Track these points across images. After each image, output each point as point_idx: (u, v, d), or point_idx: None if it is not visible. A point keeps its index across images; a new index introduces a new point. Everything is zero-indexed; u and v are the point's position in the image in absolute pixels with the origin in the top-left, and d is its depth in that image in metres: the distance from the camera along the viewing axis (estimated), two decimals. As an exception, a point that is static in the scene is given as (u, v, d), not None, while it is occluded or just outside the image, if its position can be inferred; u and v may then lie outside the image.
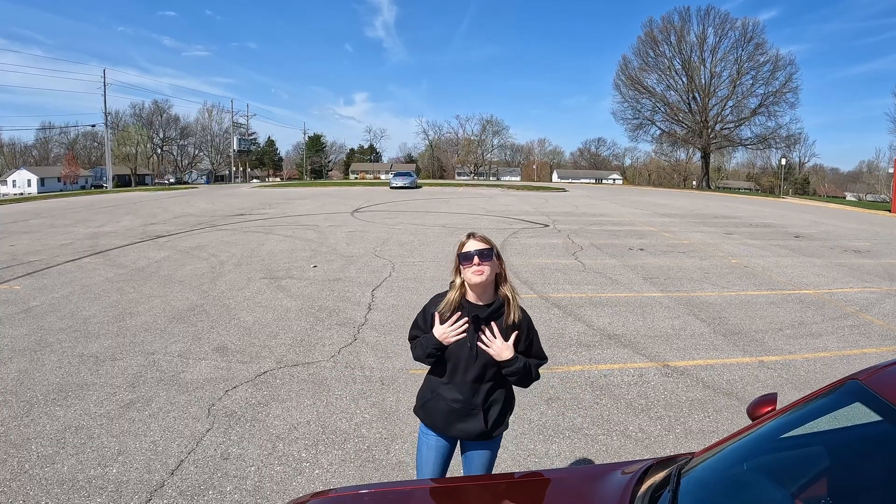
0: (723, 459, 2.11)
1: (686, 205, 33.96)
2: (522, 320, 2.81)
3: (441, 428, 2.84)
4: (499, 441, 2.94)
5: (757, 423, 2.22)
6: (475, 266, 2.66)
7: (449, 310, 2.74)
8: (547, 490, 2.28)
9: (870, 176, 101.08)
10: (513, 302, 2.77)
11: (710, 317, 8.42)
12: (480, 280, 2.67)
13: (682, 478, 2.04)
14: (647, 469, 2.20)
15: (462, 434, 2.81)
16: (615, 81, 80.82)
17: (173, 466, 4.16)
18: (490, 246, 2.73)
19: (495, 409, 2.80)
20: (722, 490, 2.03)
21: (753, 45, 72.27)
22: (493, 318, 2.74)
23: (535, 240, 16.37)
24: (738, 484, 2.04)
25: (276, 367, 6.11)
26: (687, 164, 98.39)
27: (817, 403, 2.12)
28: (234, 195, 37.61)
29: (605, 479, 2.22)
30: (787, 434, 2.10)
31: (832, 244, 17.16)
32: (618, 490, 2.08)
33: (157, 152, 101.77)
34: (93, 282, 9.95)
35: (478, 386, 2.76)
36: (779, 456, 2.13)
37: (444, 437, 2.88)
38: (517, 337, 2.72)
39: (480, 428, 2.75)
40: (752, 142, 76.36)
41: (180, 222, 19.67)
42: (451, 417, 2.79)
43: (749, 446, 2.14)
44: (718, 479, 2.06)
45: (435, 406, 2.84)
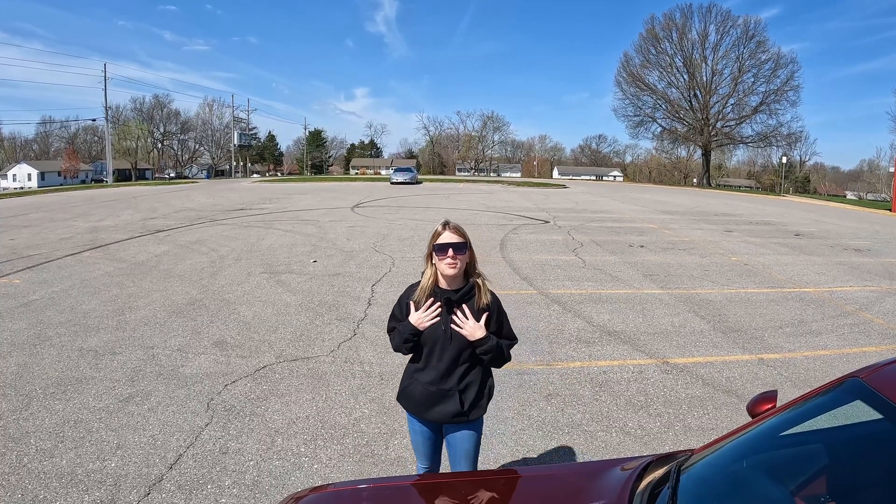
0: (722, 456, 2.11)
1: (686, 202, 33.93)
2: (492, 303, 2.90)
3: (420, 412, 2.94)
4: (479, 425, 2.99)
5: (757, 421, 2.21)
6: (449, 258, 2.77)
7: (423, 297, 2.86)
8: (546, 486, 2.27)
9: (870, 175, 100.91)
10: (483, 287, 2.89)
11: (710, 314, 8.41)
12: (453, 272, 2.80)
13: (682, 474, 2.04)
14: (646, 465, 2.20)
15: (439, 417, 2.89)
16: (616, 78, 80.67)
17: (172, 461, 4.16)
18: (464, 240, 2.83)
19: (471, 390, 2.88)
20: (721, 487, 2.02)
21: (755, 42, 72.10)
22: (463, 301, 2.85)
23: (536, 236, 16.36)
24: (737, 481, 2.03)
25: (275, 362, 6.11)
26: (688, 162, 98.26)
27: (818, 401, 2.11)
28: (234, 190, 37.57)
29: (604, 476, 2.22)
30: (787, 432, 2.09)
31: (832, 242, 17.15)
32: (617, 486, 2.07)
33: (157, 147, 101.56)
34: (92, 276, 9.94)
35: (453, 368, 2.86)
36: (779, 453, 2.12)
37: (425, 423, 2.98)
38: (488, 318, 2.84)
39: (456, 409, 2.84)
40: (753, 140, 76.23)
41: (180, 217, 19.65)
42: (428, 401, 2.89)
43: (749, 444, 2.13)
44: (718, 477, 2.06)
45: (413, 391, 2.95)
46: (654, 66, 77.18)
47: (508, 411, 5.10)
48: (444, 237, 2.80)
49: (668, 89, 77.47)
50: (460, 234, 2.83)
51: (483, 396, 2.94)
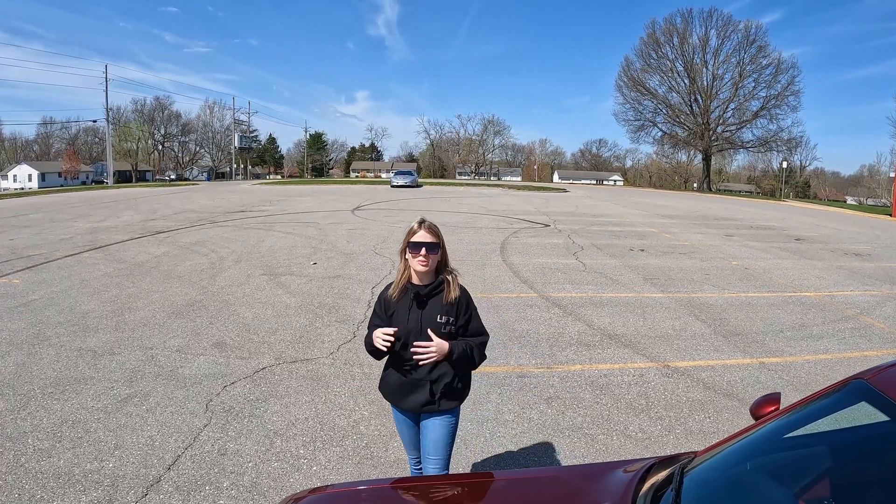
0: (726, 459, 2.09)
1: (687, 206, 33.91)
2: (461, 297, 3.00)
3: (396, 401, 3.08)
4: (451, 417, 3.05)
5: (760, 423, 2.19)
6: (421, 257, 2.89)
7: (397, 291, 3.00)
8: (549, 488, 2.25)
9: (870, 180, 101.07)
10: (452, 283, 2.98)
11: (710, 318, 8.39)
12: (424, 269, 2.92)
13: (685, 477, 2.01)
14: (649, 468, 2.18)
15: (411, 406, 3.00)
16: (617, 82, 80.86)
17: (170, 462, 4.14)
18: (437, 240, 2.94)
19: (442, 381, 2.96)
20: (725, 490, 2.00)
21: (756, 47, 72.29)
22: (433, 295, 2.96)
23: (536, 239, 16.34)
24: (741, 484, 2.01)
25: (274, 364, 6.08)
26: (688, 167, 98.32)
27: (822, 403, 2.09)
28: (234, 192, 37.57)
29: (606, 478, 2.19)
30: (791, 434, 2.07)
31: (833, 247, 17.12)
32: (619, 488, 2.05)
33: (158, 148, 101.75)
34: (92, 276, 9.92)
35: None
36: (783, 456, 2.10)
37: (403, 412, 3.11)
38: (457, 313, 2.96)
39: (425, 398, 2.95)
40: (754, 144, 76.32)
41: (181, 218, 19.63)
42: (402, 390, 3.02)
43: (753, 446, 2.11)
44: (721, 479, 2.03)
45: (389, 380, 3.09)
46: (655, 70, 77.39)
47: (508, 414, 5.08)
48: (418, 236, 2.92)
49: (669, 94, 77.67)
50: (434, 233, 2.95)
51: (455, 388, 3.00)
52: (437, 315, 2.93)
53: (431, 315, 2.94)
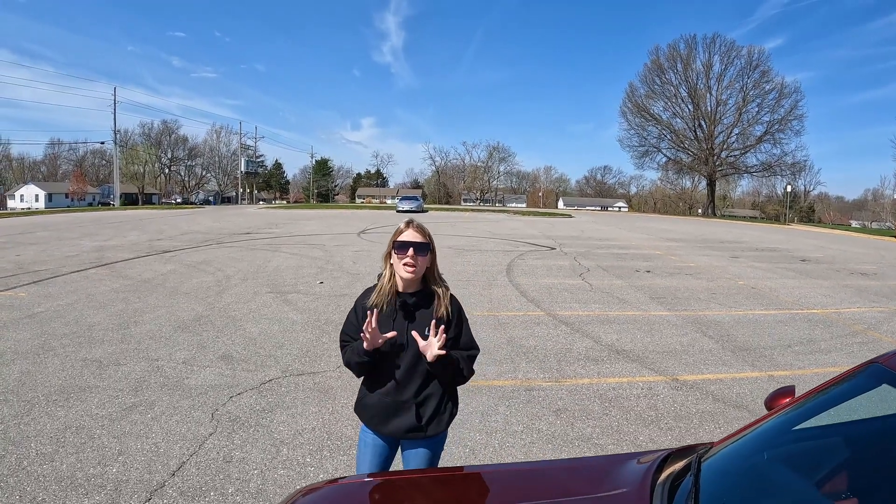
0: (745, 447, 2.05)
1: (691, 230, 33.90)
2: (452, 307, 2.69)
3: (376, 425, 2.71)
4: (438, 443, 2.78)
5: (778, 411, 2.16)
6: (409, 259, 2.56)
7: (380, 300, 2.63)
8: (566, 476, 2.22)
9: (875, 204, 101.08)
10: (443, 297, 2.67)
11: (718, 334, 8.32)
12: (411, 276, 2.59)
13: (702, 465, 1.98)
14: (665, 457, 2.14)
15: (396, 430, 2.66)
16: (622, 108, 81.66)
17: (174, 468, 4.09)
18: (427, 241, 2.63)
19: (430, 403, 2.66)
20: (743, 477, 1.96)
21: (759, 72, 73.00)
22: (421, 306, 2.65)
23: (542, 261, 16.32)
24: (760, 471, 1.97)
25: (281, 376, 6.04)
26: (692, 192, 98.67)
27: (841, 389, 2.06)
28: (240, 215, 37.76)
29: (623, 467, 2.16)
30: (810, 420, 2.03)
31: (838, 267, 17.06)
32: (637, 477, 2.02)
33: (164, 172, 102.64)
34: (98, 291, 9.93)
35: (410, 378, 2.64)
36: (803, 443, 2.06)
37: (381, 437, 2.74)
38: (446, 326, 2.57)
39: (412, 423, 2.63)
40: (758, 169, 76.61)
41: (187, 239, 19.70)
42: (384, 413, 2.67)
43: (771, 434, 2.08)
44: (740, 467, 2.00)
45: (369, 401, 2.73)
46: (658, 96, 78.13)
47: (517, 425, 5.02)
48: (405, 235, 2.60)
49: (673, 119, 78.32)
50: (424, 234, 2.64)
51: (444, 411, 2.70)
52: (426, 328, 2.56)
53: (421, 329, 2.58)
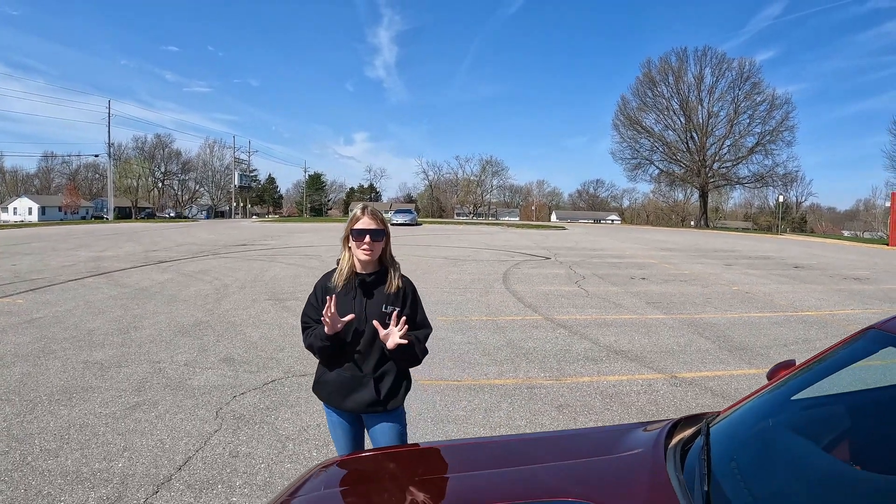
0: (753, 412, 2.10)
1: (685, 240, 34.10)
2: (406, 287, 2.84)
3: (336, 402, 2.82)
4: (400, 416, 2.88)
5: (784, 377, 2.21)
6: (366, 245, 2.72)
7: (340, 282, 2.79)
8: (582, 444, 2.27)
9: (866, 214, 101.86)
10: (394, 274, 2.82)
11: (714, 335, 8.39)
12: (367, 258, 2.75)
13: (711, 430, 2.03)
14: (674, 425, 2.19)
15: (356, 406, 2.77)
16: (614, 121, 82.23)
17: (181, 462, 4.10)
18: (382, 227, 2.78)
19: (388, 379, 2.78)
20: (753, 439, 2.01)
21: (750, 84, 73.74)
22: (378, 284, 2.80)
23: (538, 270, 16.39)
24: (769, 434, 2.02)
25: (283, 377, 6.06)
26: (684, 205, 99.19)
27: (841, 355, 2.12)
28: (235, 228, 37.76)
29: (632, 433, 2.21)
30: (816, 386, 2.09)
31: (831, 273, 17.21)
32: (650, 440, 2.07)
33: (158, 186, 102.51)
34: (96, 298, 9.93)
35: (368, 353, 2.76)
36: (809, 410, 2.12)
37: (343, 414, 2.86)
38: (402, 300, 2.78)
39: (371, 397, 2.74)
40: (750, 180, 77.20)
41: (182, 250, 19.69)
42: (343, 389, 2.78)
43: (777, 400, 2.13)
44: (749, 431, 2.05)
45: (327, 378, 2.84)
46: (650, 108, 78.76)
47: (520, 420, 5.05)
48: (362, 222, 2.75)
49: (665, 132, 78.91)
50: (378, 220, 2.80)
51: (401, 386, 2.83)
52: (382, 304, 2.75)
53: (377, 305, 2.76)
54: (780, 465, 1.82)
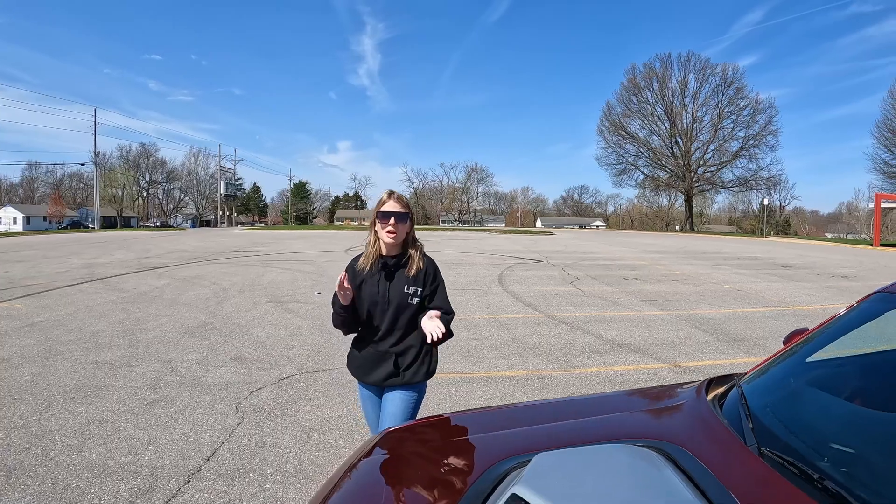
0: (774, 371, 2.22)
1: (673, 244, 34.46)
2: (428, 267, 2.93)
3: (361, 375, 2.97)
4: (414, 392, 2.94)
5: (799, 341, 2.34)
6: (390, 227, 2.79)
7: (367, 263, 2.88)
8: (628, 401, 2.37)
9: (849, 216, 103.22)
10: (417, 256, 2.90)
11: (711, 328, 8.55)
12: (392, 241, 2.83)
13: (743, 386, 2.15)
14: (706, 384, 2.30)
15: (375, 379, 2.90)
16: (599, 127, 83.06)
17: (208, 454, 4.12)
18: (407, 210, 2.86)
19: (409, 354, 2.89)
20: (779, 390, 2.14)
21: (734, 89, 74.93)
22: (400, 266, 2.89)
23: (532, 272, 16.52)
24: (791, 387, 2.14)
25: (297, 373, 6.09)
26: (669, 210, 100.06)
27: (851, 317, 2.24)
28: (223, 236, 37.58)
29: (672, 392, 2.34)
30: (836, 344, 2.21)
31: (819, 272, 17.51)
32: (691, 396, 2.18)
33: (142, 195, 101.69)
34: (96, 303, 9.88)
35: (391, 331, 2.88)
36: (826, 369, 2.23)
37: (368, 387, 3.01)
38: (423, 283, 2.89)
39: (389, 370, 2.86)
40: (734, 184, 78.34)
41: (175, 256, 19.60)
42: (367, 363, 2.93)
43: (795, 361, 2.25)
44: (774, 385, 2.17)
45: (355, 354, 3.00)
46: (635, 114, 79.66)
47: (535, 409, 5.13)
48: (388, 205, 2.83)
49: (650, 137, 79.81)
50: (403, 204, 2.86)
51: (422, 363, 2.92)
52: (404, 286, 2.85)
53: (399, 286, 2.86)
54: (806, 407, 2.02)
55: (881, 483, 1.45)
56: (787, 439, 1.69)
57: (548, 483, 1.45)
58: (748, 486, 1.46)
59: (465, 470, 1.77)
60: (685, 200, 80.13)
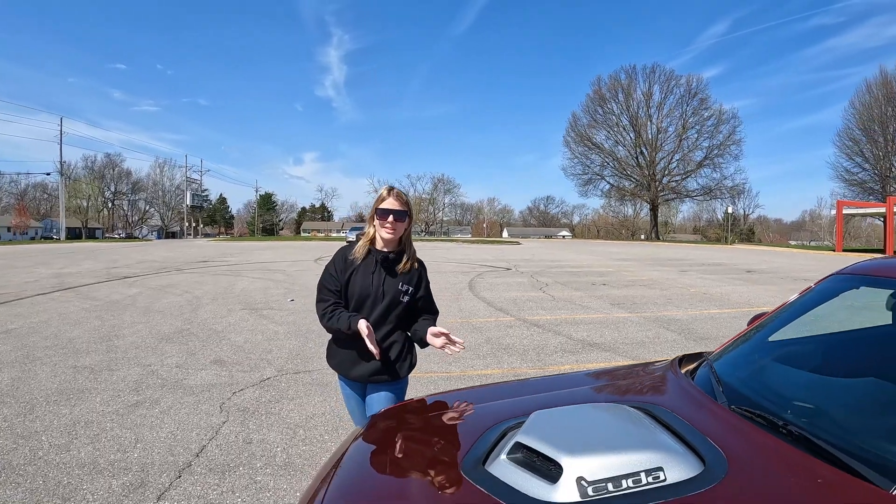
0: (740, 348, 2.47)
1: (639, 252, 35.16)
2: (420, 269, 3.02)
3: (345, 371, 2.96)
4: (401, 387, 3.02)
5: (761, 321, 2.58)
6: (388, 224, 2.85)
7: (361, 254, 2.91)
8: (609, 374, 2.59)
9: (812, 224, 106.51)
10: (410, 255, 2.96)
11: (679, 329, 8.88)
12: (390, 237, 2.88)
13: (713, 362, 2.38)
14: (679, 360, 2.53)
15: (359, 375, 2.92)
16: (565, 138, 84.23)
17: (197, 450, 4.22)
18: (406, 209, 2.90)
19: (394, 350, 2.92)
20: (745, 363, 2.38)
21: (698, 100, 76.83)
22: (397, 262, 2.93)
23: (502, 279, 16.78)
24: (756, 361, 2.38)
25: (278, 374, 6.20)
26: (634, 219, 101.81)
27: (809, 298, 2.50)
28: (191, 246, 37.15)
29: (648, 367, 2.58)
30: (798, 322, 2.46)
31: (783, 276, 18.14)
32: (665, 369, 2.41)
33: (108, 206, 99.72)
34: (69, 311, 9.80)
35: (380, 325, 2.90)
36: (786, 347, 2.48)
37: (350, 382, 3.02)
38: (416, 283, 2.97)
39: (376, 367, 2.89)
40: (699, 193, 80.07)
41: (144, 266, 19.39)
42: (351, 358, 2.92)
43: (759, 339, 2.50)
44: (740, 359, 2.40)
45: (338, 349, 2.99)
46: (601, 125, 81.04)
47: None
48: (387, 203, 2.86)
49: (616, 147, 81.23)
50: (402, 201, 2.90)
51: (405, 358, 2.98)
52: (399, 283, 2.90)
53: (394, 283, 2.90)
54: (770, 376, 2.27)
55: (837, 427, 1.70)
56: (754, 398, 1.93)
57: (547, 432, 1.65)
58: (721, 432, 1.69)
59: (465, 433, 1.94)
60: (650, 210, 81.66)
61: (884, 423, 1.75)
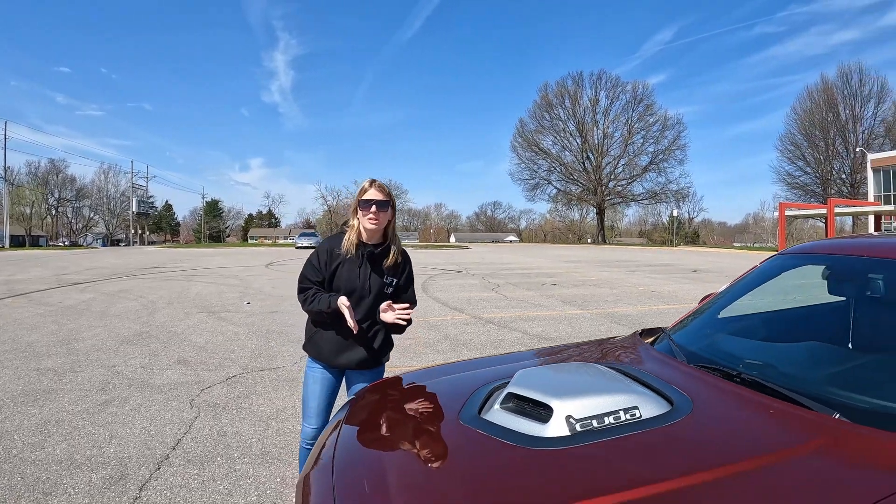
0: (694, 323, 2.80)
1: (587, 254, 36.05)
2: (405, 261, 3.12)
3: (327, 358, 3.06)
4: (379, 373, 3.16)
5: (710, 299, 2.93)
6: (371, 214, 2.90)
7: (350, 247, 2.97)
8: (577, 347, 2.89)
9: (755, 226, 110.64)
10: (395, 248, 3.05)
11: (630, 323, 9.35)
12: (374, 228, 2.94)
13: (670, 333, 2.70)
14: (639, 333, 2.86)
15: (348, 362, 3.04)
16: (512, 143, 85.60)
17: (172, 444, 4.34)
18: (388, 198, 2.95)
19: (378, 338, 3.07)
20: (698, 335, 2.71)
21: (643, 106, 79.18)
22: (383, 256, 3.02)
23: (454, 281, 17.08)
24: (708, 335, 2.72)
25: (243, 372, 6.32)
26: (581, 224, 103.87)
27: (753, 276, 2.86)
28: (139, 253, 36.28)
29: (612, 341, 2.91)
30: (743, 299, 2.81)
31: (728, 275, 18.99)
32: (629, 341, 2.74)
33: (52, 213, 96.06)
34: (23, 316, 9.62)
35: (366, 318, 3.01)
36: (733, 322, 2.82)
37: (330, 369, 3.11)
38: (405, 273, 3.11)
39: (363, 355, 3.03)
40: (644, 197, 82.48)
41: (94, 273, 18.94)
42: (337, 347, 3.03)
43: (710, 315, 2.83)
44: (694, 331, 2.74)
45: (321, 337, 3.07)
46: (548, 130, 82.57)
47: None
48: (369, 193, 2.91)
49: (563, 153, 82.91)
50: (385, 192, 2.94)
51: (387, 345, 3.13)
52: (384, 275, 2.99)
53: (379, 276, 2.99)
54: (721, 343, 2.61)
55: (784, 377, 2.08)
56: (710, 357, 2.30)
57: (534, 383, 1.96)
58: (684, 381, 2.04)
59: (455, 395, 2.18)
60: (597, 214, 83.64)
61: (826, 371, 2.13)
